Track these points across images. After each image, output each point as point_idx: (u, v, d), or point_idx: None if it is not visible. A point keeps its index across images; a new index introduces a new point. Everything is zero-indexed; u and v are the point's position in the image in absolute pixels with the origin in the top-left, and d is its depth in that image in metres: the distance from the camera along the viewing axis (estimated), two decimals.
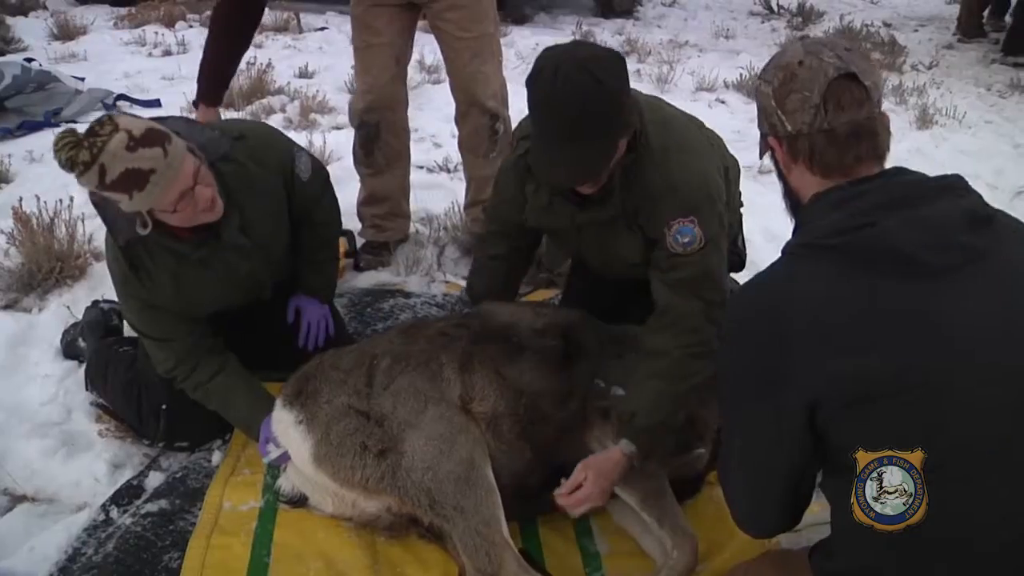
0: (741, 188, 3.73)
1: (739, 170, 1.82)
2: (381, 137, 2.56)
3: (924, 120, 4.26)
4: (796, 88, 1.10)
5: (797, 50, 1.14)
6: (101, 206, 1.64)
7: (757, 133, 4.13)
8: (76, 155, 1.49)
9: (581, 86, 1.44)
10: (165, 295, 1.74)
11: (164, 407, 1.88)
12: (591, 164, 1.55)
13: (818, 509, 1.20)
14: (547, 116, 1.51)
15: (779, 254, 1.13)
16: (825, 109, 1.08)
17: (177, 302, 1.76)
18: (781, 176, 1.20)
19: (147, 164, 1.51)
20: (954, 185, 1.07)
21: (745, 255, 2.15)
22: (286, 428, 1.66)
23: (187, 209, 1.60)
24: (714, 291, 1.66)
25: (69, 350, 2.22)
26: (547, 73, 1.46)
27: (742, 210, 2.20)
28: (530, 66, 1.55)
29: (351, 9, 2.50)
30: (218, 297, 1.83)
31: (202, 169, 1.60)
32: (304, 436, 1.62)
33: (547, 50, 1.53)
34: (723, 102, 4.67)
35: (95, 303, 2.28)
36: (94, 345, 2.12)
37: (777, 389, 1.04)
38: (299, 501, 1.69)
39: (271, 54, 4.99)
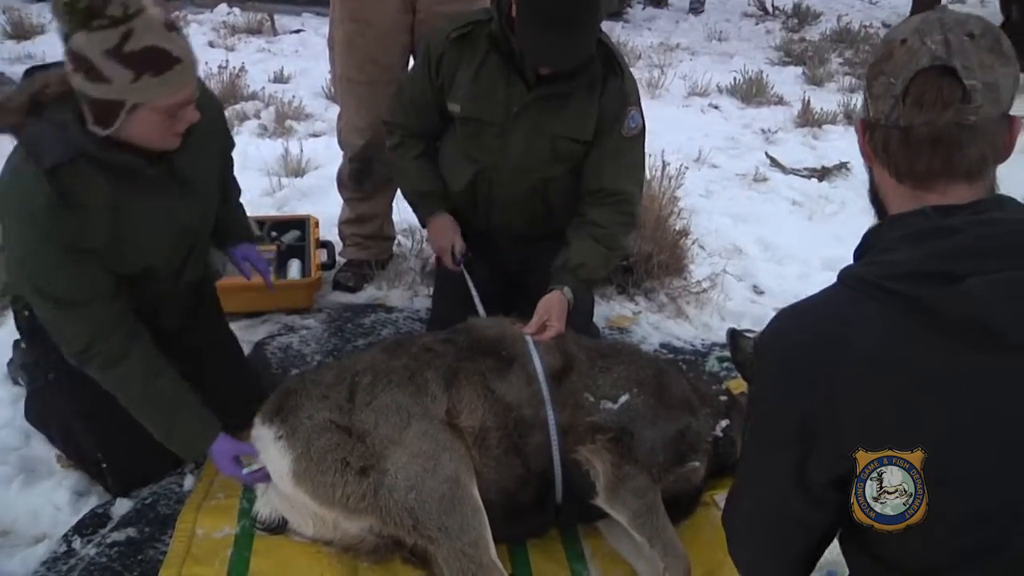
0: (734, 196, 3.81)
1: None
2: (374, 170, 2.61)
3: None
4: (886, 70, 1.00)
5: (912, 24, 1.01)
6: (19, 116, 1.48)
7: (751, 139, 4.27)
8: (104, 6, 1.36)
9: None
10: (98, 231, 1.56)
11: (99, 455, 1.83)
12: (588, 45, 1.91)
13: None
14: (548, 5, 1.82)
15: (775, 265, 1.10)
16: (904, 102, 0.97)
17: (111, 242, 1.58)
18: (867, 166, 1.10)
19: (176, 50, 1.44)
20: None
21: None
22: (265, 444, 1.68)
23: (172, 122, 1.52)
24: (642, 178, 2.18)
25: (15, 376, 2.17)
26: None
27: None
28: None
29: (346, 34, 2.43)
30: (152, 245, 1.68)
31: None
32: (284, 452, 1.64)
33: None
34: (716, 107, 4.76)
35: (17, 344, 2.13)
36: (29, 389, 2.03)
37: (807, 445, 1.00)
38: (278, 527, 1.70)
39: (244, 57, 5.03)
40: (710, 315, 2.70)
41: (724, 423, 1.83)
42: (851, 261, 1.08)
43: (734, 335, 2.08)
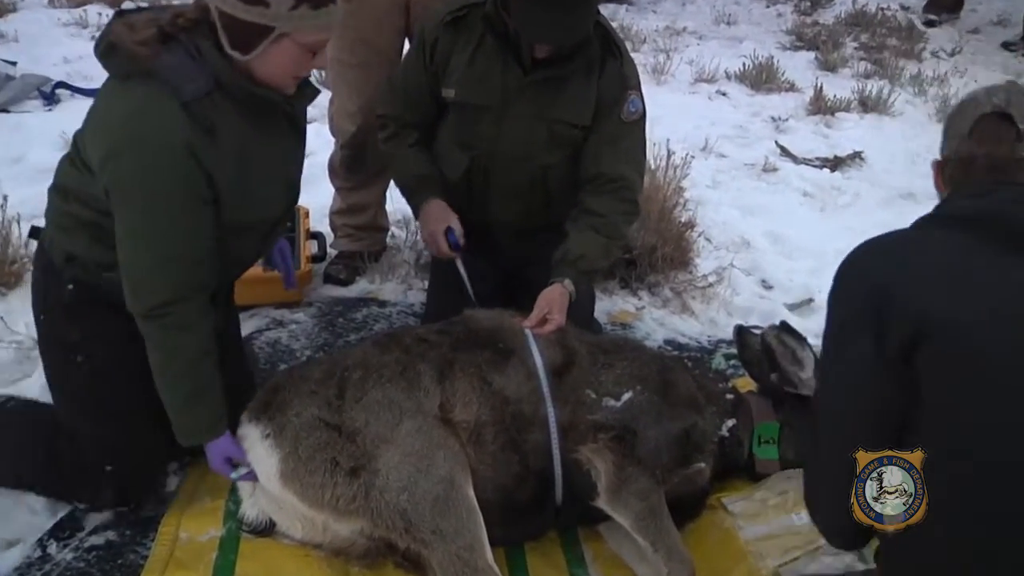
0: (742, 187, 3.79)
1: None
2: (367, 157, 2.60)
3: (944, 112, 4.36)
4: (958, 119, 1.32)
5: (984, 89, 1.35)
6: (150, 49, 1.48)
7: (760, 127, 4.30)
8: None
9: None
10: (227, 172, 1.56)
11: (109, 468, 1.73)
12: (584, 22, 1.94)
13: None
14: None
15: (785, 259, 1.18)
16: (969, 138, 1.28)
17: (232, 186, 1.58)
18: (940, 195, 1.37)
19: None
20: None
21: None
22: (252, 443, 1.67)
23: (306, 62, 1.56)
24: (643, 165, 2.20)
25: None
26: None
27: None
28: None
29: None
30: (268, 192, 1.70)
31: None
32: (271, 451, 1.63)
33: None
34: (724, 94, 4.74)
35: None
36: None
37: (879, 325, 1.13)
38: (265, 529, 1.70)
39: None
40: (716, 311, 2.70)
41: (731, 422, 1.84)
42: None
43: (741, 332, 2.08)
